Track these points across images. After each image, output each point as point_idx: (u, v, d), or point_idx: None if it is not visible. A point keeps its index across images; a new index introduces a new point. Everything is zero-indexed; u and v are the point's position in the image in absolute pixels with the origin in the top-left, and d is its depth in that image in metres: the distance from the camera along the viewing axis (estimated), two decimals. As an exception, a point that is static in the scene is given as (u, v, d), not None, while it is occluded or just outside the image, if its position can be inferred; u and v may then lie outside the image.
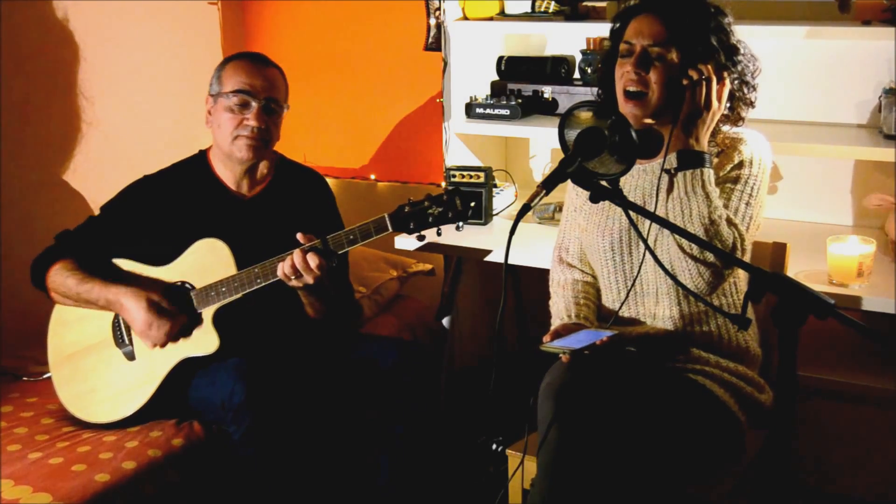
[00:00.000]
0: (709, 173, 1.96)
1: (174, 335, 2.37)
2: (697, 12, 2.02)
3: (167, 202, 2.49)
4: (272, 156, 2.56)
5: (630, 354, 2.01)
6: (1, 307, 2.87)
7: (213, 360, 2.36)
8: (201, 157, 2.57)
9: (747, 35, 2.05)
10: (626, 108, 2.04)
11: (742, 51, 2.06)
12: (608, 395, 1.93)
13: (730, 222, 1.95)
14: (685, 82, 1.97)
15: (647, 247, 1.85)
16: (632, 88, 2.02)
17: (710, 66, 1.98)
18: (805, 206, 2.88)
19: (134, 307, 2.35)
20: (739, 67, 2.05)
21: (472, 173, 2.84)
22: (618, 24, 2.10)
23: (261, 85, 2.44)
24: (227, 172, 2.51)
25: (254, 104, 2.43)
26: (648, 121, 2.04)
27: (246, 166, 2.48)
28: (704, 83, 1.96)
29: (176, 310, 2.37)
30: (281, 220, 2.44)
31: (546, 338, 2.02)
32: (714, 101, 1.98)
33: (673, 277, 1.91)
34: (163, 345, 2.37)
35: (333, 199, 2.64)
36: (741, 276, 2.11)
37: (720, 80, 2.00)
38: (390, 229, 2.24)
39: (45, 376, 2.58)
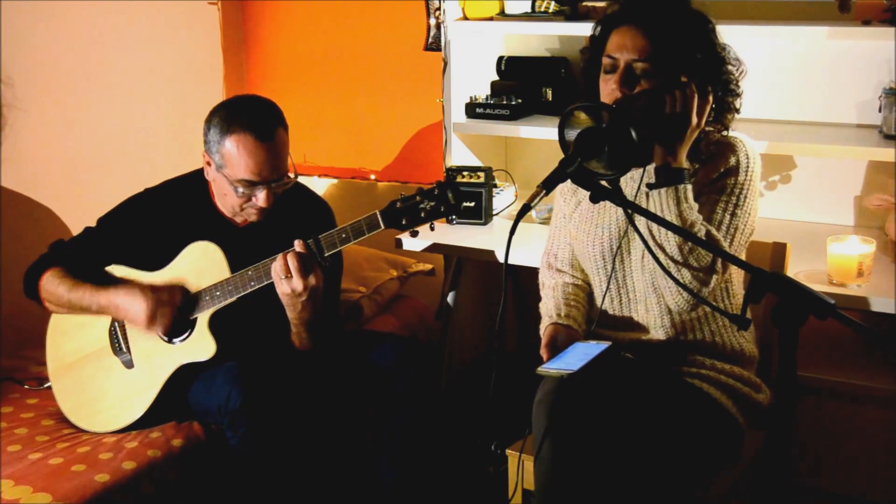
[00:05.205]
0: (684, 189, 1.92)
1: (172, 334, 2.37)
2: (681, 23, 1.96)
3: (161, 221, 2.44)
4: None
5: (628, 361, 2.00)
6: (1, 306, 2.87)
7: (210, 364, 2.35)
8: (202, 180, 2.45)
9: (747, 35, 2.02)
10: None
11: (727, 60, 2.00)
12: (602, 406, 1.92)
13: (710, 237, 1.92)
14: (667, 98, 1.91)
15: (646, 245, 1.84)
16: None
17: (692, 84, 1.93)
18: (805, 206, 2.87)
19: (130, 303, 2.32)
20: (724, 79, 2.00)
21: (472, 173, 2.84)
22: (598, 30, 2.04)
23: (269, 170, 2.28)
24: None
25: (262, 189, 2.30)
26: None
27: None
28: (686, 100, 1.91)
29: (171, 297, 2.33)
30: (271, 250, 2.28)
31: (543, 353, 2.01)
32: (694, 118, 1.93)
33: (672, 278, 1.90)
34: (171, 334, 2.36)
35: None
36: (733, 280, 2.10)
37: (703, 97, 1.95)
38: (382, 226, 2.21)
39: (45, 385, 2.58)
